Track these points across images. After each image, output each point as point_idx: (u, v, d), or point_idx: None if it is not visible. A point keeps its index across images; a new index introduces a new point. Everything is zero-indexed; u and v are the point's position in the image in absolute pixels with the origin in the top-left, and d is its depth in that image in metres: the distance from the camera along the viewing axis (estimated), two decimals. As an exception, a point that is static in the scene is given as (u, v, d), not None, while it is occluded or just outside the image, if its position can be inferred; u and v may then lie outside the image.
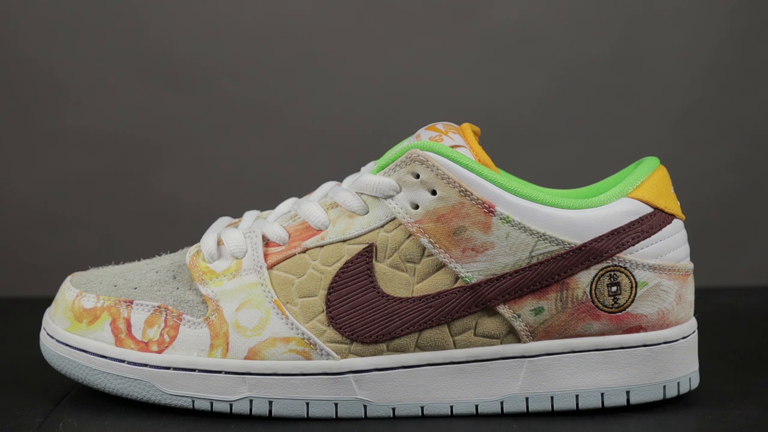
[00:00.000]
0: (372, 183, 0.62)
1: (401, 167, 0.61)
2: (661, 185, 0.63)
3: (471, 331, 0.61)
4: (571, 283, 0.61)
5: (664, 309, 0.62)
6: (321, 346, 0.61)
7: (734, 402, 0.63)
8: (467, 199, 0.60)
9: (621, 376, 0.62)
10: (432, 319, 0.61)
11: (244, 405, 0.61)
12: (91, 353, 0.62)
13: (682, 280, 0.63)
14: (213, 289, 0.62)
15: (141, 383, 0.62)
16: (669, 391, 0.63)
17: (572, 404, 0.62)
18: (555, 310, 0.61)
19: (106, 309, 0.63)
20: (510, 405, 0.62)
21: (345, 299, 0.61)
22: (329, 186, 0.65)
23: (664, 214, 0.62)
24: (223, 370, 0.61)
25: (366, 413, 0.62)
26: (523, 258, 0.61)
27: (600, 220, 0.61)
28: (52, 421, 0.61)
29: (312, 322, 0.61)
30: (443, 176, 0.60)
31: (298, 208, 0.64)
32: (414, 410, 0.62)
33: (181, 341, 0.62)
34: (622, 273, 0.61)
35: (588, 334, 0.62)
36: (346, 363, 0.61)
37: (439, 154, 0.61)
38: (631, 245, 0.61)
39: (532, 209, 0.60)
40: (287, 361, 0.61)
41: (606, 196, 0.62)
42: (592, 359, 0.62)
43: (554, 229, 0.61)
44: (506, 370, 0.62)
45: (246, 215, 0.66)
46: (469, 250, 0.60)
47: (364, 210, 0.62)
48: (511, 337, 0.62)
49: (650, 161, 0.64)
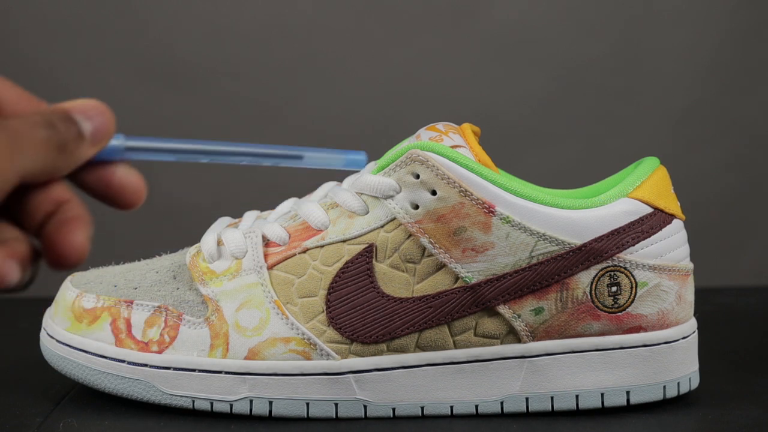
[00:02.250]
0: (372, 183, 0.62)
1: (401, 167, 0.61)
2: (661, 185, 0.63)
3: (471, 331, 0.61)
4: (571, 284, 0.61)
5: (664, 309, 0.62)
6: (321, 346, 0.61)
7: (734, 402, 0.63)
8: (467, 199, 0.60)
9: (621, 376, 0.62)
10: (432, 320, 0.61)
11: (244, 405, 0.61)
12: (91, 353, 0.62)
13: (682, 280, 0.63)
14: (213, 290, 0.62)
15: (141, 383, 0.62)
16: (669, 391, 0.63)
17: (572, 404, 0.62)
18: (555, 310, 0.61)
19: (106, 309, 0.63)
20: (510, 405, 0.62)
21: (345, 299, 0.61)
22: (329, 186, 0.65)
23: (664, 214, 0.62)
24: (223, 370, 0.61)
25: (366, 413, 0.62)
26: (523, 258, 0.61)
27: (600, 220, 0.61)
28: (52, 421, 0.61)
29: (312, 322, 0.61)
30: (443, 176, 0.60)
31: (298, 209, 0.64)
32: (414, 410, 0.62)
33: (181, 341, 0.62)
34: (622, 273, 0.61)
35: (588, 334, 0.62)
36: (346, 363, 0.61)
37: (439, 154, 0.61)
38: (631, 245, 0.61)
39: (532, 209, 0.60)
40: (287, 361, 0.61)
41: (606, 196, 0.62)
42: (592, 359, 0.62)
43: (554, 229, 0.61)
44: (506, 370, 0.62)
45: (246, 215, 0.66)
46: (469, 251, 0.60)
47: (364, 210, 0.62)
48: (511, 337, 0.62)
49: (650, 161, 0.64)
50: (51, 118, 0.41)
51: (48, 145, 0.41)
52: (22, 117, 0.41)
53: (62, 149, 0.41)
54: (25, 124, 0.40)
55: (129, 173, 0.44)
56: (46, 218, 0.41)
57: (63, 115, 0.42)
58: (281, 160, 0.45)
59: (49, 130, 0.41)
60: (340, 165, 0.45)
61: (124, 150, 0.43)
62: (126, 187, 0.44)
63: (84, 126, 0.42)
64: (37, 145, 0.40)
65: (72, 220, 0.42)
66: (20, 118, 0.41)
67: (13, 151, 0.39)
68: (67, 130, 0.42)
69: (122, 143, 0.43)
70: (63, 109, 0.42)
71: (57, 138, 0.41)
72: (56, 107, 0.42)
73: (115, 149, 0.43)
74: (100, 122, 0.43)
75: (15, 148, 0.39)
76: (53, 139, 0.41)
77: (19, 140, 0.40)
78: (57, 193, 0.42)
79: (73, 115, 0.42)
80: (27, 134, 0.40)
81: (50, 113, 0.42)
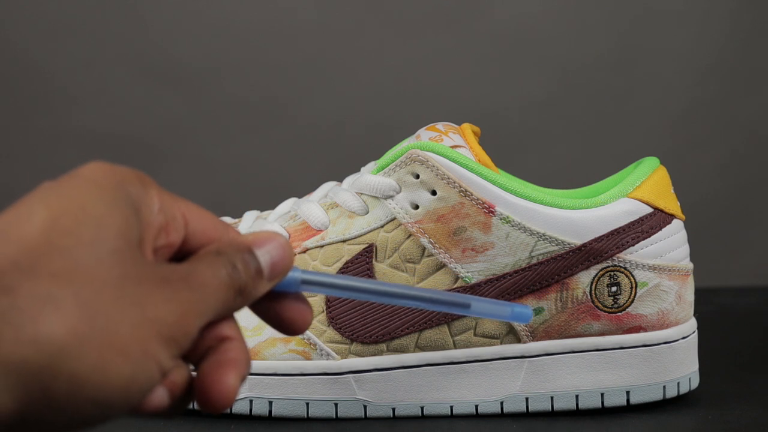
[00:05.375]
0: (372, 183, 0.62)
1: (401, 167, 0.61)
2: (661, 185, 0.62)
3: (471, 331, 0.61)
4: (571, 284, 0.61)
5: (664, 309, 0.62)
6: (321, 346, 0.61)
7: (734, 402, 0.63)
8: (467, 199, 0.60)
9: (621, 376, 0.62)
10: (432, 319, 0.61)
11: (244, 405, 0.61)
12: (91, 353, 0.62)
13: (682, 280, 0.63)
14: (213, 289, 0.62)
15: (141, 383, 0.62)
16: (669, 391, 0.63)
17: (572, 404, 0.62)
18: (555, 311, 0.61)
19: (106, 309, 0.63)
20: (510, 405, 0.62)
21: (345, 299, 0.61)
22: (329, 186, 0.65)
23: (664, 215, 0.62)
24: (223, 370, 0.61)
25: (366, 413, 0.62)
26: (523, 258, 0.61)
27: (600, 220, 0.61)
28: (52, 421, 0.61)
29: (312, 322, 0.61)
30: (443, 176, 0.60)
31: (298, 209, 0.64)
32: (414, 410, 0.62)
33: (181, 341, 0.62)
34: (622, 273, 0.61)
35: (588, 334, 0.62)
36: (346, 363, 0.61)
37: (439, 154, 0.61)
38: (631, 245, 0.61)
39: (532, 209, 0.60)
40: (287, 361, 0.61)
41: (606, 196, 0.62)
42: (592, 359, 0.62)
43: (554, 229, 0.61)
44: (506, 370, 0.62)
45: (246, 215, 0.66)
46: (469, 251, 0.60)
47: (364, 210, 0.62)
48: (511, 337, 0.62)
49: (650, 161, 0.63)
50: (233, 258, 0.40)
51: (229, 289, 0.39)
52: (206, 260, 0.39)
53: (241, 292, 0.40)
54: (209, 270, 0.39)
55: (300, 306, 0.43)
56: (208, 351, 0.40)
57: (244, 251, 0.41)
58: (450, 308, 0.45)
59: (230, 273, 0.40)
60: (507, 317, 0.45)
61: (300, 283, 0.42)
62: (296, 319, 0.43)
63: (263, 262, 0.41)
64: (218, 291, 0.39)
65: (230, 362, 0.40)
66: (204, 262, 0.39)
67: (199, 305, 0.38)
68: (246, 270, 0.40)
69: (299, 276, 0.42)
70: (245, 245, 0.40)
71: (238, 281, 0.40)
72: (238, 243, 0.40)
73: (291, 281, 0.42)
74: (279, 258, 0.41)
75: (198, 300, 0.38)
76: (235, 282, 0.39)
77: (202, 290, 0.38)
78: (224, 330, 0.40)
79: (255, 251, 0.41)
80: (210, 281, 0.39)
81: (232, 251, 0.40)
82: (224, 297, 0.39)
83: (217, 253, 0.40)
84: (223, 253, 0.40)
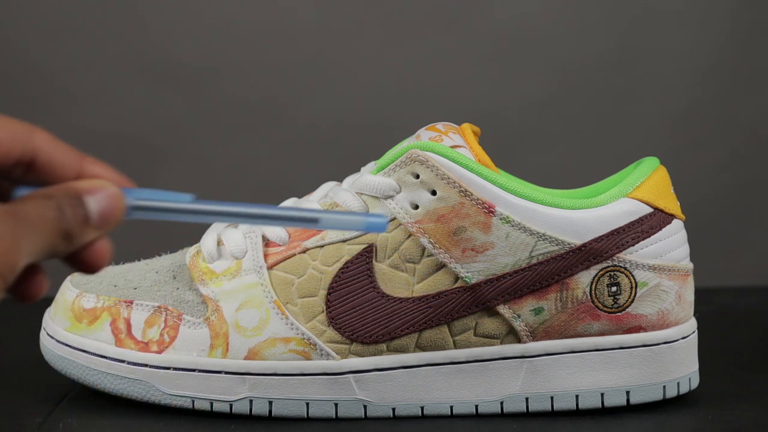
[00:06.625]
0: (372, 183, 0.62)
1: (401, 167, 0.61)
2: (661, 185, 0.63)
3: (471, 331, 0.61)
4: (571, 284, 0.61)
5: (664, 309, 0.62)
6: (321, 347, 0.61)
7: (734, 402, 0.63)
8: (467, 199, 0.60)
9: (621, 377, 0.62)
10: (432, 319, 0.61)
11: (244, 405, 0.61)
12: (91, 353, 0.62)
13: (682, 280, 0.63)
14: (213, 290, 0.62)
15: (141, 383, 0.62)
16: (669, 391, 0.63)
17: (572, 404, 0.62)
18: (555, 311, 0.61)
19: (106, 309, 0.63)
20: (510, 405, 0.62)
21: (345, 299, 0.61)
22: (329, 186, 0.65)
23: (664, 215, 0.62)
24: (223, 370, 0.61)
25: (366, 413, 0.62)
26: (523, 258, 0.61)
27: (600, 220, 0.61)
28: (52, 421, 0.61)
29: (312, 322, 0.61)
30: (443, 176, 0.60)
31: (298, 208, 0.63)
32: (414, 410, 0.62)
33: (181, 341, 0.62)
34: (622, 273, 0.61)
35: (588, 334, 0.62)
36: (346, 363, 0.61)
37: (439, 154, 0.61)
38: (631, 245, 0.61)
39: (532, 209, 0.60)
40: (287, 361, 0.61)
41: (606, 196, 0.62)
42: (592, 359, 0.62)
43: (554, 229, 0.61)
44: (506, 370, 0.62)
45: (246, 215, 0.66)
46: (469, 251, 0.60)
47: (364, 210, 0.62)
48: (511, 337, 0.62)
49: (650, 161, 0.64)
50: (61, 202, 0.41)
51: (54, 231, 0.40)
52: (34, 200, 0.40)
53: (67, 236, 0.41)
54: (36, 210, 0.40)
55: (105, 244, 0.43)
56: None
57: (73, 197, 0.41)
58: (298, 224, 0.44)
59: (57, 215, 0.40)
60: (361, 228, 0.44)
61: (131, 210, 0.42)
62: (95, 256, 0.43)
63: (92, 209, 0.41)
64: (44, 231, 0.40)
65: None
66: (32, 202, 0.40)
67: (21, 239, 0.39)
68: (74, 215, 0.41)
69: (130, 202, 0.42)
70: (74, 190, 0.41)
71: (65, 225, 0.40)
72: (69, 188, 0.41)
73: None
74: (109, 207, 0.42)
75: (23, 235, 0.39)
76: (61, 226, 0.40)
77: (27, 228, 0.39)
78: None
79: (83, 198, 0.41)
80: (36, 220, 0.40)
81: (61, 195, 0.41)
82: (49, 238, 0.40)
83: (46, 195, 0.40)
84: (53, 196, 0.41)
